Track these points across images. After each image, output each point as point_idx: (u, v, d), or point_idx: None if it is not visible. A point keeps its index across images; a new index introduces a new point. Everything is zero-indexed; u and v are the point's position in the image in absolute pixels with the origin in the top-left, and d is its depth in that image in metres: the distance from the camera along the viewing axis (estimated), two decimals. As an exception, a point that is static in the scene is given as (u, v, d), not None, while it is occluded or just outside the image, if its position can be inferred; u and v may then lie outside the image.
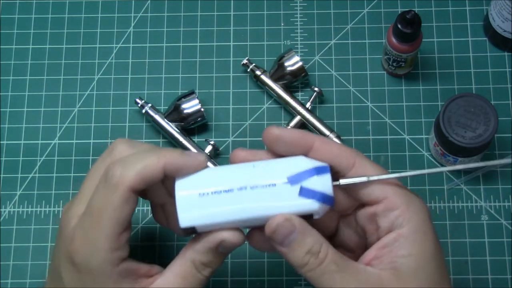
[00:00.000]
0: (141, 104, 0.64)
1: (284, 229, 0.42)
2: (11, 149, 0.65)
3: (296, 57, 0.63)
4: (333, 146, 0.44)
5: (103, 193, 0.43)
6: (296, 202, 0.42)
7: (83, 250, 0.43)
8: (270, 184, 0.42)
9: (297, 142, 0.43)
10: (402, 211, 0.42)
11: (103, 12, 0.69)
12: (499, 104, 0.64)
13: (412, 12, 0.58)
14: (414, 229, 0.42)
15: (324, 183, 0.42)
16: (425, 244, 0.42)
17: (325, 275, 0.41)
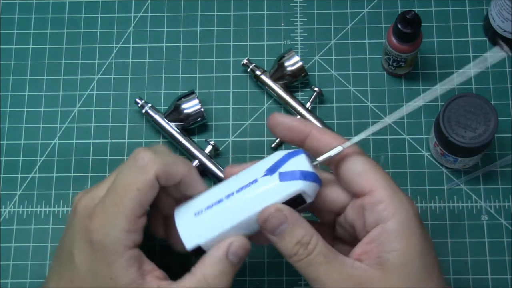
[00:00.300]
0: (141, 104, 0.64)
1: (275, 219, 0.43)
2: (11, 149, 0.65)
3: (296, 57, 0.63)
4: (328, 135, 0.45)
5: (130, 173, 0.44)
6: (280, 188, 0.43)
7: (101, 227, 0.43)
8: (252, 181, 0.44)
9: (295, 128, 0.46)
10: (387, 205, 0.43)
11: (103, 12, 0.69)
12: (499, 104, 0.64)
13: (412, 12, 0.58)
14: (399, 224, 0.42)
15: (299, 162, 0.44)
16: (411, 240, 0.42)
17: (312, 266, 0.42)
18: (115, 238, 0.43)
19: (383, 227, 0.43)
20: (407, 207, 0.43)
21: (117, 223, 0.43)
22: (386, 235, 0.42)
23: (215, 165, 0.62)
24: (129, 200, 0.43)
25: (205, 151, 0.62)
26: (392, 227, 0.42)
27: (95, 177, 0.64)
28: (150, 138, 0.65)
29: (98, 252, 0.43)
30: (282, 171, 0.44)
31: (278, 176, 0.43)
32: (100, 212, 0.44)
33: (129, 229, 0.43)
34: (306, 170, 0.43)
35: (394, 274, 0.42)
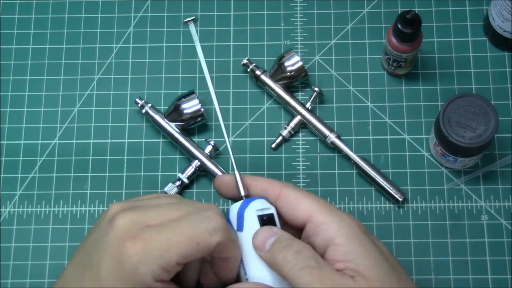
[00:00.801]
0: (141, 104, 0.64)
1: (264, 233, 0.45)
2: (11, 149, 0.65)
3: (296, 57, 0.63)
4: (261, 181, 0.49)
5: (200, 228, 0.44)
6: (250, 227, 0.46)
7: (142, 255, 0.43)
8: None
9: (231, 186, 0.50)
10: (328, 224, 0.44)
11: (103, 12, 0.69)
12: (499, 104, 0.64)
13: (412, 12, 0.58)
14: (347, 236, 0.44)
15: (234, 208, 0.48)
16: (365, 245, 0.44)
17: (305, 270, 0.42)
18: (150, 271, 0.43)
19: (333, 245, 0.44)
20: (348, 222, 0.45)
21: (161, 260, 0.43)
22: (340, 249, 0.43)
23: (215, 165, 0.62)
24: (184, 248, 0.43)
25: (205, 151, 0.62)
26: (342, 241, 0.44)
27: (95, 177, 0.64)
28: (150, 138, 0.65)
29: (127, 276, 0.43)
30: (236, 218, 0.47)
31: (237, 224, 0.47)
32: (148, 241, 0.43)
33: (167, 269, 0.43)
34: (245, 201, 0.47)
35: (371, 277, 0.42)
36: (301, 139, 0.64)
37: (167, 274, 0.44)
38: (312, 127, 0.63)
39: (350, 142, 0.64)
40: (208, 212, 0.45)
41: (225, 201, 0.62)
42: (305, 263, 0.43)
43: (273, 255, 0.44)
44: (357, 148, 0.63)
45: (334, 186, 0.63)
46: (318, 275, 0.42)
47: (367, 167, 0.61)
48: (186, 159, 0.64)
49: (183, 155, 0.64)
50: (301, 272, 0.42)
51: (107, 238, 0.45)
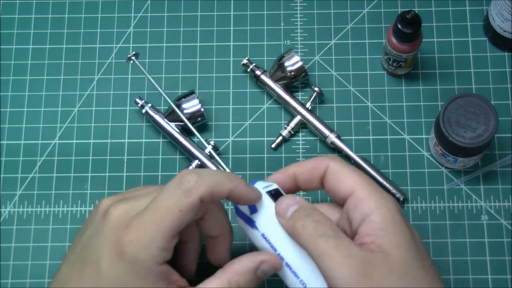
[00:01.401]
0: (141, 104, 0.64)
1: (287, 201, 0.46)
2: (11, 149, 0.65)
3: (296, 57, 0.63)
4: (308, 163, 0.50)
5: (174, 195, 0.45)
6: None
7: (137, 242, 0.44)
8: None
9: (285, 178, 0.51)
10: (368, 201, 0.45)
11: (103, 12, 0.69)
12: (499, 104, 0.64)
13: (412, 12, 0.58)
14: (384, 215, 0.44)
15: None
16: (399, 226, 0.44)
17: (322, 238, 0.43)
18: (150, 255, 0.44)
19: (369, 220, 0.44)
20: (389, 202, 0.45)
21: (154, 241, 0.44)
22: (375, 225, 0.44)
23: (215, 165, 0.62)
24: (169, 221, 0.44)
25: (205, 151, 0.62)
26: (377, 218, 0.44)
27: (95, 177, 0.64)
28: (150, 138, 0.65)
29: (128, 265, 0.44)
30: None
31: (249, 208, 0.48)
32: (137, 227, 0.44)
33: (164, 248, 0.44)
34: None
35: (394, 255, 0.42)
36: (301, 139, 0.64)
37: (168, 252, 0.45)
38: (312, 127, 0.63)
39: (350, 142, 0.64)
40: (182, 178, 0.45)
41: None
42: (323, 232, 0.43)
43: (293, 222, 0.45)
44: (357, 148, 0.63)
45: (334, 186, 0.63)
46: (335, 243, 0.42)
47: (367, 167, 0.61)
48: (186, 159, 0.64)
49: (183, 155, 0.64)
50: (318, 239, 0.43)
51: (103, 231, 0.45)
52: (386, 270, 0.41)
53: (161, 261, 0.44)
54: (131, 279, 0.44)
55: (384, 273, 0.41)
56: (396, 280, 0.41)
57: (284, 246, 0.46)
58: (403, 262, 0.42)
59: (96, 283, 0.44)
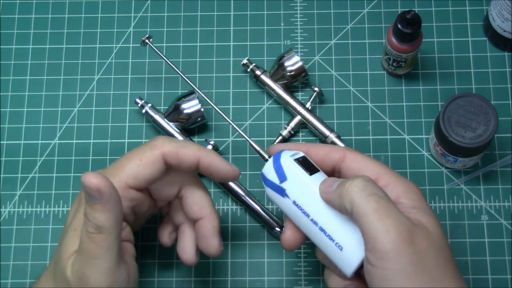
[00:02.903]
0: (141, 104, 0.64)
1: (331, 179, 0.47)
2: (11, 149, 0.65)
3: (296, 57, 0.63)
4: (322, 148, 0.50)
5: (139, 149, 0.49)
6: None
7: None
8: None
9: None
10: (395, 186, 0.46)
11: (103, 12, 0.69)
12: (499, 104, 0.64)
13: (412, 12, 0.58)
14: (412, 199, 0.45)
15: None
16: (428, 210, 0.45)
17: (373, 197, 0.43)
18: (116, 183, 0.45)
19: (400, 203, 0.45)
20: (415, 187, 0.46)
21: (113, 179, 0.45)
22: (407, 206, 0.45)
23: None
24: (128, 168, 0.47)
25: (205, 151, 0.62)
26: (408, 201, 0.45)
27: (95, 177, 0.64)
28: (150, 138, 0.65)
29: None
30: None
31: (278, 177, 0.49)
32: (99, 173, 0.45)
33: (120, 196, 0.45)
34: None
35: (433, 230, 0.44)
36: (301, 139, 0.64)
37: (123, 200, 0.46)
38: (312, 127, 0.63)
39: (350, 142, 0.64)
40: (152, 139, 0.49)
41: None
42: (374, 191, 0.43)
43: (340, 187, 0.45)
44: (357, 148, 0.63)
45: (334, 186, 0.63)
46: (386, 205, 0.43)
47: (367, 167, 0.61)
48: (186, 159, 0.64)
49: (183, 155, 0.64)
50: (369, 197, 0.43)
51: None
52: (428, 242, 0.43)
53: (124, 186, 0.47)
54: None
55: (426, 244, 0.42)
56: (435, 253, 0.43)
57: (317, 211, 0.47)
58: (440, 238, 0.44)
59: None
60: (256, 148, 0.52)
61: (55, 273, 0.47)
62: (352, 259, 0.45)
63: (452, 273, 0.43)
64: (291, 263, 0.61)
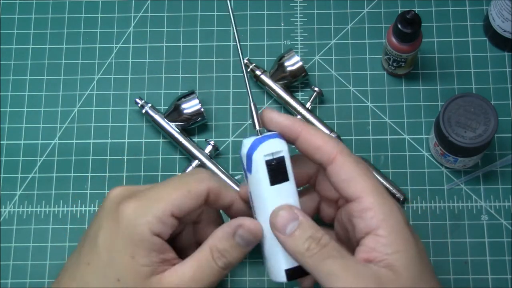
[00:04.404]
0: (141, 104, 0.64)
1: (285, 216, 0.43)
2: (11, 149, 0.65)
3: (296, 57, 0.63)
4: (316, 138, 0.45)
5: (186, 178, 0.46)
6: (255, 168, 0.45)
7: (135, 208, 0.44)
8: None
9: (285, 128, 0.46)
10: (376, 212, 0.43)
11: (103, 12, 0.69)
12: (499, 104, 0.64)
13: (412, 12, 0.58)
14: (391, 230, 0.42)
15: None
16: (408, 242, 0.42)
17: (327, 260, 0.41)
18: (146, 222, 0.43)
19: (375, 235, 0.42)
20: (396, 214, 0.43)
21: (153, 210, 0.44)
22: (382, 241, 0.42)
23: (215, 165, 0.62)
24: (175, 197, 0.45)
25: (205, 151, 0.62)
26: (384, 233, 0.42)
27: (95, 177, 0.64)
28: (150, 138, 0.65)
29: (124, 231, 0.44)
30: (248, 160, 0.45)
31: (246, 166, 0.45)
32: (139, 197, 0.45)
33: (162, 220, 0.44)
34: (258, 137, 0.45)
35: (404, 274, 0.41)
36: (301, 139, 0.64)
37: (164, 227, 0.44)
38: (312, 127, 0.63)
39: (350, 142, 0.64)
40: (196, 171, 0.48)
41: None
42: (329, 254, 0.42)
43: (295, 243, 0.43)
44: (357, 148, 0.63)
45: (334, 186, 0.63)
46: (342, 264, 0.41)
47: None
48: (186, 159, 0.64)
49: (183, 155, 0.64)
50: (325, 261, 0.42)
51: (103, 208, 0.46)
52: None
53: (156, 231, 0.44)
54: (123, 244, 0.43)
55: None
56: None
57: (263, 219, 0.45)
58: (412, 281, 0.41)
59: (91, 258, 0.44)
60: (254, 114, 0.46)
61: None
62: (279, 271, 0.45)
63: None
64: (291, 263, 0.61)
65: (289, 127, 0.45)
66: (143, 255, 0.43)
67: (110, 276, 0.43)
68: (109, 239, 0.44)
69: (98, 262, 0.44)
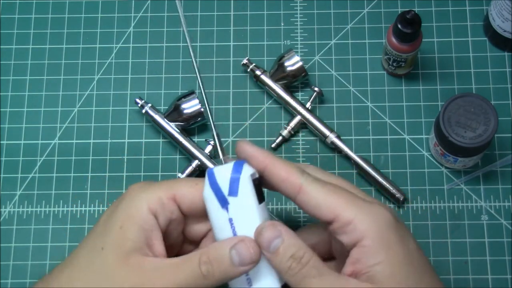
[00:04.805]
0: (141, 104, 0.64)
1: (269, 233, 0.43)
2: (11, 149, 0.65)
3: (296, 57, 0.63)
4: (280, 171, 0.45)
5: (200, 179, 0.47)
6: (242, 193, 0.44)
7: (138, 189, 0.46)
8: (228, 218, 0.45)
9: (253, 159, 0.46)
10: (355, 225, 0.42)
11: (103, 12, 0.69)
12: (499, 104, 0.64)
13: (412, 12, 0.58)
14: (374, 238, 0.42)
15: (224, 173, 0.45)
16: (391, 249, 0.42)
17: (305, 280, 0.42)
18: (146, 197, 0.45)
19: (359, 246, 0.42)
20: (377, 218, 0.43)
21: (156, 188, 0.45)
22: (366, 252, 0.42)
23: (215, 165, 0.62)
24: (182, 185, 0.46)
25: (205, 151, 0.62)
26: (368, 243, 0.42)
27: (95, 177, 0.64)
28: (150, 138, 0.65)
29: (123, 203, 0.45)
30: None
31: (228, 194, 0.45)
32: (149, 182, 0.46)
33: (162, 200, 0.45)
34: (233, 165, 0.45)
35: (386, 284, 0.41)
36: (301, 139, 0.64)
37: (162, 209, 0.45)
38: (312, 127, 0.63)
39: (350, 142, 0.64)
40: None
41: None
42: (308, 273, 0.42)
43: (279, 260, 0.43)
44: (357, 148, 0.63)
45: (334, 186, 0.63)
46: (320, 283, 0.42)
47: (367, 167, 0.61)
48: (186, 159, 0.64)
49: (183, 155, 0.64)
50: (304, 280, 0.42)
51: (120, 198, 0.47)
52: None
53: (153, 209, 0.44)
54: (118, 215, 0.44)
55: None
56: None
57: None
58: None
59: (90, 231, 0.46)
60: (218, 142, 0.47)
61: None
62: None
63: None
64: (291, 263, 0.61)
65: (255, 157, 0.45)
66: (132, 228, 0.44)
67: (97, 245, 0.44)
68: (109, 213, 0.45)
69: (92, 233, 0.45)
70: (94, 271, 0.43)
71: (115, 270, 0.43)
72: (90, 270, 0.43)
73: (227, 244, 0.43)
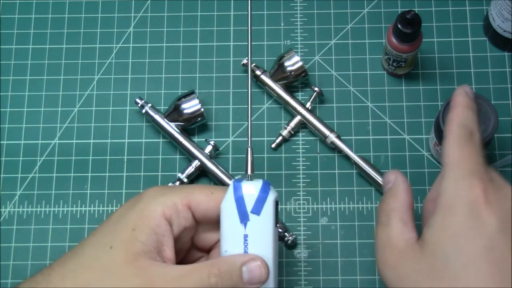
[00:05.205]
0: (141, 104, 0.64)
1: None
2: (11, 149, 0.65)
3: (296, 57, 0.63)
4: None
5: (215, 186, 0.49)
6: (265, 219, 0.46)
7: (153, 193, 0.46)
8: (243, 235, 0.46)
9: None
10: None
11: (103, 12, 0.69)
12: (499, 104, 0.64)
13: (412, 12, 0.58)
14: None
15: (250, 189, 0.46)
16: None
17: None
18: (162, 202, 0.45)
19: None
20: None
21: (172, 194, 0.45)
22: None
23: (215, 165, 0.62)
24: (197, 193, 0.46)
25: (205, 151, 0.62)
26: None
27: (95, 177, 0.64)
28: (150, 138, 0.65)
29: (138, 206, 0.45)
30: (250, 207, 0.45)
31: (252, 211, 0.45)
32: (164, 187, 0.46)
33: (177, 207, 0.45)
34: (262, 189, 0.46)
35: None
36: (301, 139, 0.64)
37: (176, 215, 0.45)
38: (312, 127, 0.63)
39: (350, 142, 0.64)
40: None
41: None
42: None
43: None
44: (357, 148, 0.63)
45: (334, 186, 0.63)
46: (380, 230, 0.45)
47: (367, 167, 0.61)
48: (186, 159, 0.64)
49: (183, 155, 0.64)
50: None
51: (134, 200, 0.46)
52: (413, 263, 0.42)
53: (168, 215, 0.44)
54: (131, 216, 0.44)
55: (409, 265, 0.42)
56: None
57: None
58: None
59: (98, 228, 0.46)
60: (249, 158, 0.47)
61: None
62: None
63: None
64: (291, 263, 0.61)
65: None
66: (144, 231, 0.44)
67: (106, 243, 0.44)
68: (121, 213, 0.45)
69: (100, 231, 0.45)
70: (99, 267, 0.43)
71: (121, 270, 0.43)
72: (95, 266, 0.43)
73: (240, 260, 0.44)
